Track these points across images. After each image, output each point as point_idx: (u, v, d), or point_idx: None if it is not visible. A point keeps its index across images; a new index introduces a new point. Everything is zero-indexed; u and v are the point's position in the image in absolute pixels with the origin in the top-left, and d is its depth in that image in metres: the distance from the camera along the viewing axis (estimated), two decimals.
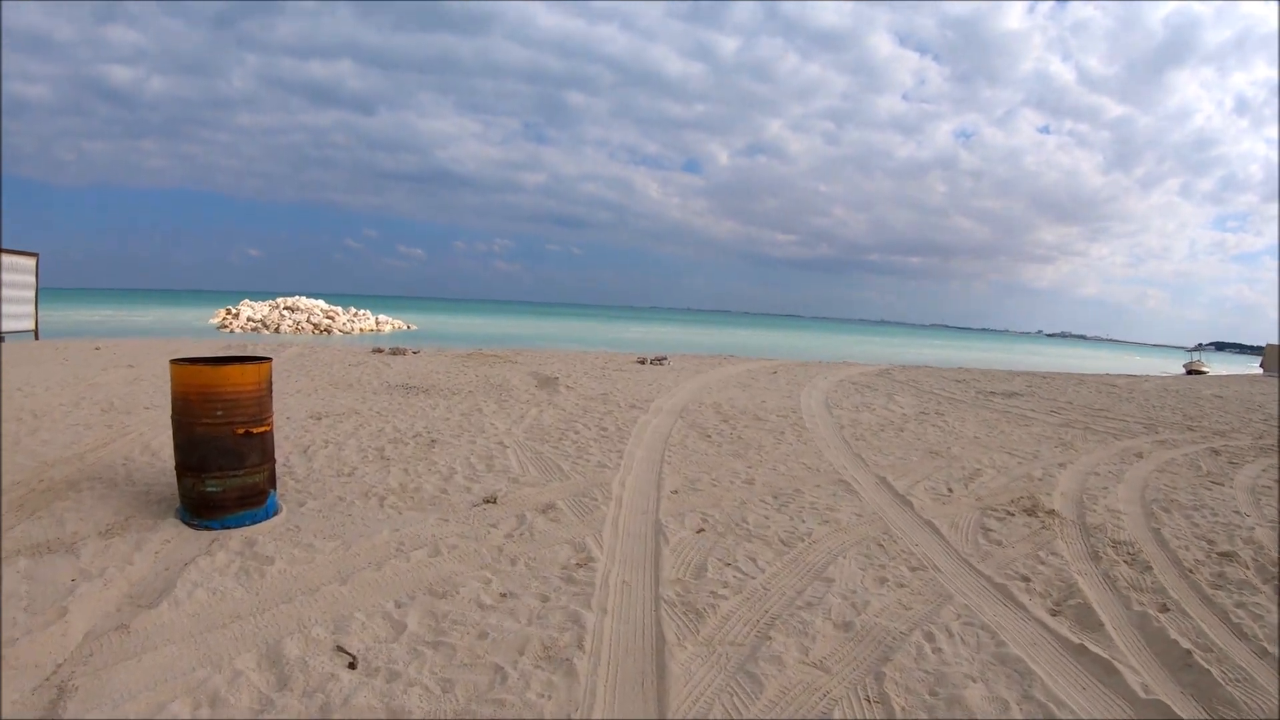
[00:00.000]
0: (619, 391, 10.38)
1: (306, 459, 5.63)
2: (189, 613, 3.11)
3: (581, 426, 7.43)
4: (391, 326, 34.08)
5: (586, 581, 3.48)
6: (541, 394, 9.71)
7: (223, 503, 4.10)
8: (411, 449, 6.07)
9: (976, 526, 4.84)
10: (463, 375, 11.40)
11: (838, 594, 3.56)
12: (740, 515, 4.69)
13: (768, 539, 4.28)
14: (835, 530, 4.54)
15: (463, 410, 8.08)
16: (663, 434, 7.33)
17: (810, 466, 6.26)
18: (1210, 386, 19.06)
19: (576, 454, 6.13)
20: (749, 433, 7.68)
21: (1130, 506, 5.51)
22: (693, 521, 4.49)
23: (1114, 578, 4.03)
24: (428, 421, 7.32)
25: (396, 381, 10.25)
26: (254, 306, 31.09)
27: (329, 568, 3.57)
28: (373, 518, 4.29)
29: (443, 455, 5.88)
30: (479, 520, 4.30)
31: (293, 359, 12.88)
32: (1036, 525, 4.92)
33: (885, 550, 4.25)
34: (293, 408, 7.80)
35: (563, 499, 4.78)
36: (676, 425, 7.86)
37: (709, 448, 6.76)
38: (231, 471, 4.08)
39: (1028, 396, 13.03)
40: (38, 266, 18.02)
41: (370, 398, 8.71)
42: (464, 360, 14.03)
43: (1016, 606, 3.61)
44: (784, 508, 4.94)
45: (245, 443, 4.09)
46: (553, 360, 15.22)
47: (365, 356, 13.80)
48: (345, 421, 7.13)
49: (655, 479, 5.49)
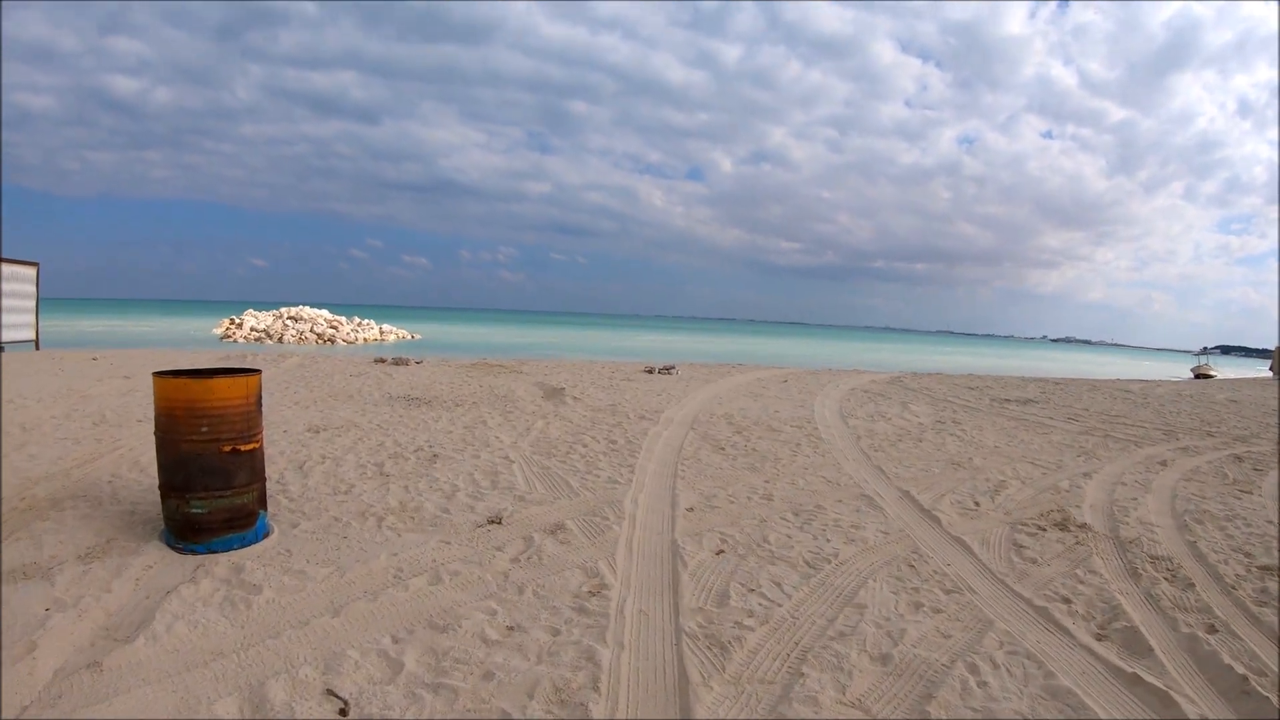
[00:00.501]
0: (627, 402, 10.12)
1: (302, 475, 5.38)
2: (167, 648, 2.86)
3: (590, 439, 7.17)
4: (395, 336, 33.92)
5: (600, 612, 3.21)
6: (548, 405, 9.46)
7: (209, 525, 3.86)
8: (412, 464, 5.82)
9: (1008, 543, 4.58)
10: (466, 386, 11.16)
11: (871, 622, 3.29)
12: (761, 535, 4.42)
13: (792, 561, 4.01)
14: (862, 550, 4.27)
15: (466, 423, 7.82)
16: (675, 447, 7.07)
17: (830, 480, 5.99)
18: (1223, 390, 18.74)
19: (585, 469, 5.87)
20: (764, 444, 7.41)
21: (1162, 518, 5.28)
22: (711, 542, 4.23)
23: (1156, 596, 3.80)
24: (430, 435, 7.07)
25: (398, 393, 10.01)
26: (258, 316, 31.05)
27: (321, 597, 3.32)
28: (370, 540, 4.03)
29: (445, 471, 5.62)
30: (483, 543, 4.04)
31: (293, 369, 12.66)
32: (1070, 541, 4.66)
33: (917, 571, 3.98)
34: (290, 420, 7.57)
35: (572, 518, 4.52)
36: (688, 437, 7.60)
37: (723, 461, 6.49)
38: (218, 492, 3.84)
39: (1043, 403, 12.76)
40: (38, 276, 17.89)
41: (371, 410, 8.46)
42: (468, 371, 13.79)
43: (1060, 632, 3.35)
44: (806, 525, 4.67)
45: (233, 461, 3.85)
46: (559, 370, 14.97)
47: (367, 367, 13.57)
48: (344, 435, 6.88)
49: (669, 495, 5.23)
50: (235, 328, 29.67)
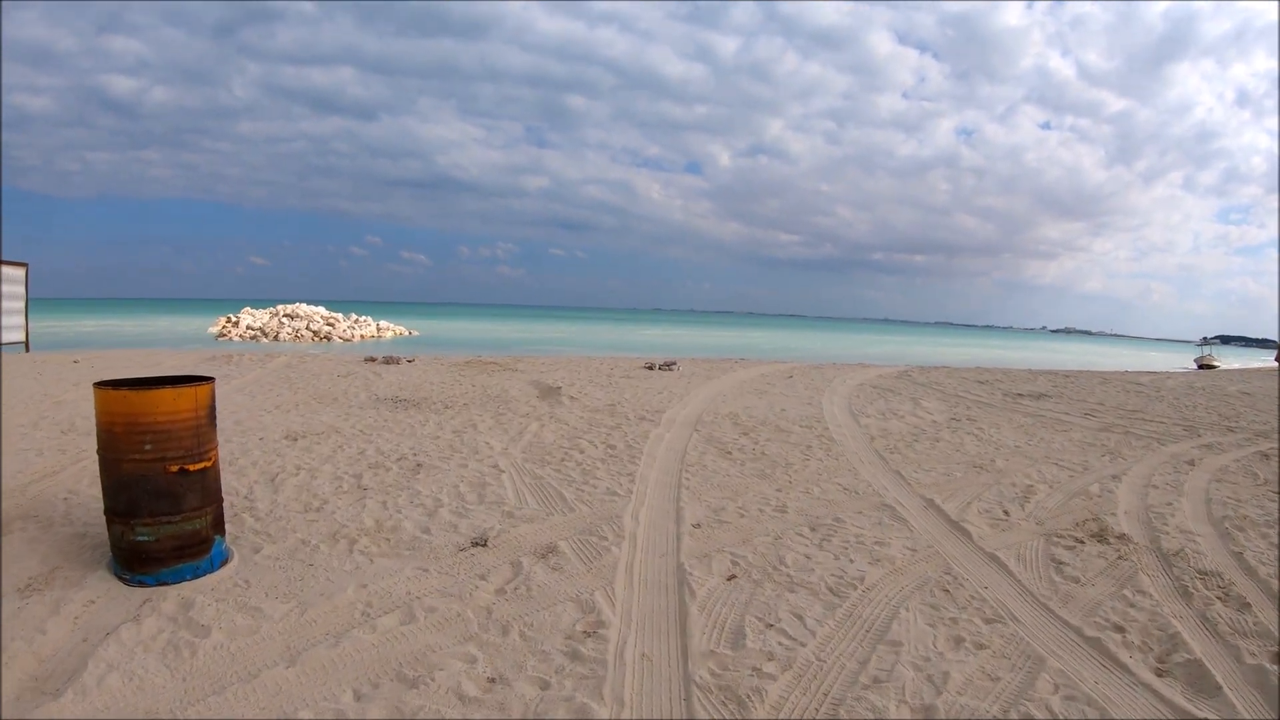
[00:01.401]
0: (627, 401, 9.69)
1: (273, 490, 4.96)
2: (97, 706, 2.47)
3: (587, 444, 6.74)
4: (393, 333, 33.54)
5: (596, 658, 2.79)
6: (543, 406, 9.02)
7: (157, 554, 3.44)
8: (394, 475, 5.39)
9: (1046, 558, 4.18)
10: (458, 386, 10.72)
11: (909, 663, 2.87)
12: (776, 555, 4.00)
13: (813, 587, 3.58)
14: (890, 572, 3.85)
15: (455, 427, 7.39)
16: (678, 451, 6.64)
17: (847, 488, 5.56)
18: (1234, 382, 18.36)
19: (581, 478, 5.44)
20: (773, 447, 6.98)
21: (1201, 525, 4.92)
22: (721, 565, 3.80)
23: (1213, 620, 3.42)
24: (415, 441, 6.63)
25: (386, 394, 9.57)
26: (254, 314, 30.72)
27: (276, 641, 2.90)
28: (338, 569, 3.60)
29: (428, 483, 5.19)
30: (465, 570, 3.61)
31: (279, 370, 12.22)
32: (1111, 555, 4.27)
33: (952, 597, 3.57)
34: (268, 426, 7.14)
35: (566, 539, 4.09)
36: (692, 440, 7.17)
37: (731, 467, 6.07)
38: (165, 517, 3.42)
39: (1057, 398, 12.40)
40: (28, 276, 17.48)
41: (355, 413, 8.03)
42: (461, 369, 13.34)
43: (1119, 668, 2.95)
44: (826, 543, 4.25)
45: (180, 482, 3.42)
46: (556, 367, 14.53)
47: (356, 366, 13.12)
48: (323, 442, 6.45)
49: (674, 509, 4.80)
50: (232, 326, 29.33)
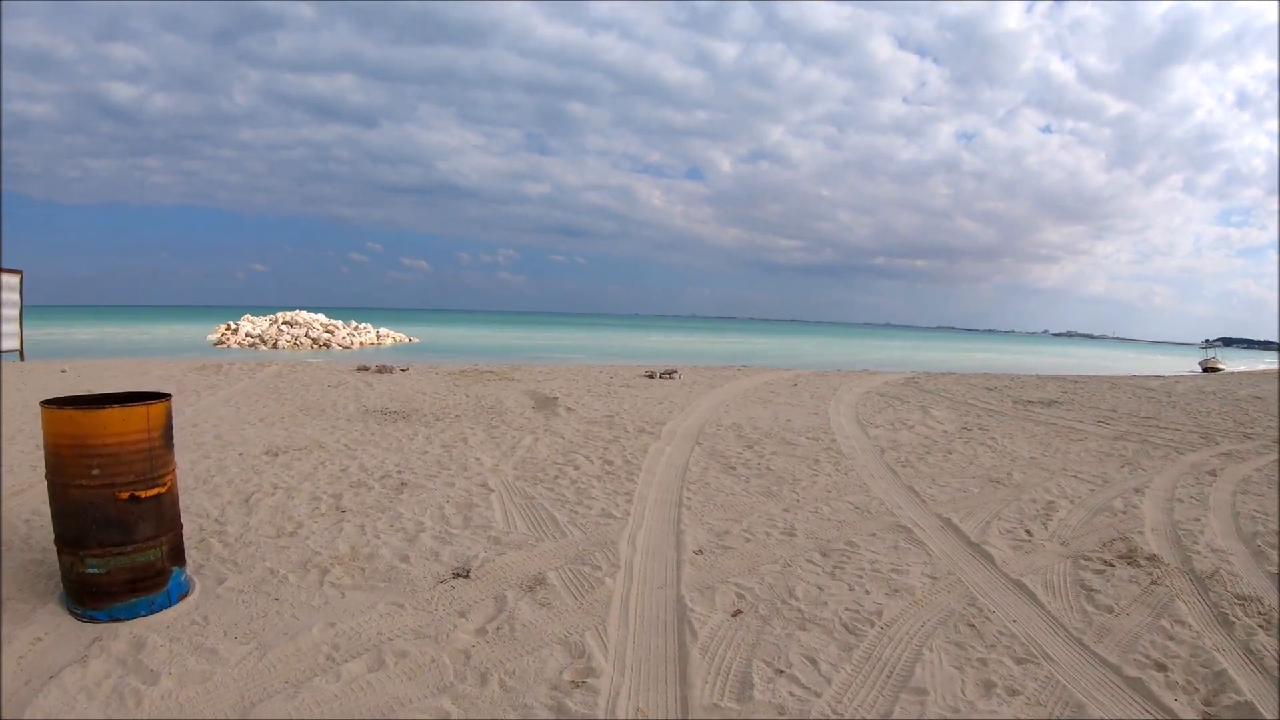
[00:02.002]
0: (626, 412, 9.39)
1: (246, 511, 4.67)
2: None
3: (582, 459, 6.44)
4: (393, 340, 33.30)
5: (585, 714, 2.49)
6: (538, 418, 8.72)
7: (108, 588, 3.16)
8: (376, 495, 5.09)
9: (1075, 585, 3.90)
10: (451, 397, 10.42)
11: (936, 715, 2.57)
12: (785, 585, 3.70)
13: (826, 623, 3.28)
14: (910, 604, 3.55)
15: (445, 440, 7.10)
16: (679, 466, 6.34)
17: (858, 506, 5.26)
18: (1244, 386, 18.10)
19: (576, 498, 5.14)
20: (779, 461, 6.68)
21: (1232, 543, 4.66)
22: (726, 598, 3.51)
23: (1257, 653, 3.15)
24: (402, 456, 6.34)
25: (375, 406, 9.28)
26: (254, 321, 30.51)
27: (230, 690, 2.61)
28: (305, 604, 3.31)
29: (411, 503, 4.90)
30: (444, 605, 3.32)
31: (268, 380, 11.93)
32: (1144, 579, 3.99)
33: (978, 632, 3.27)
34: (250, 440, 6.85)
35: (556, 568, 3.79)
36: (694, 454, 6.87)
37: (735, 484, 5.77)
38: (116, 548, 3.14)
39: (1067, 405, 12.17)
40: (21, 284, 17.27)
41: (341, 426, 7.74)
42: (455, 379, 13.04)
43: (1164, 714, 2.65)
44: (839, 570, 3.95)
45: (131, 510, 3.14)
46: (553, 376, 14.24)
47: (348, 376, 12.84)
48: (305, 458, 6.16)
49: (674, 532, 4.50)
50: (230, 334, 29.12)
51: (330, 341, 29.04)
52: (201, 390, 10.28)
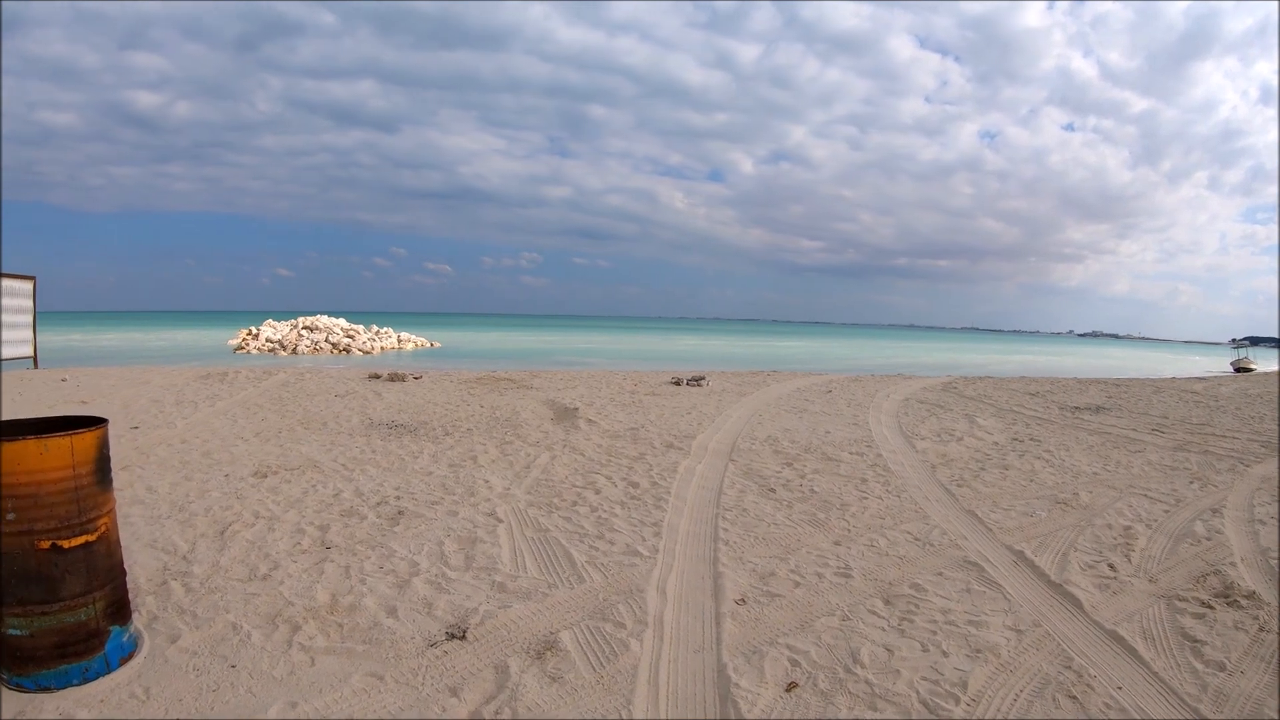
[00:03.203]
0: (652, 424, 8.81)
1: (219, 546, 4.16)
2: None
3: (604, 481, 5.88)
4: (414, 344, 33.12)
5: None
6: (557, 431, 8.17)
7: (33, 653, 2.67)
8: (368, 526, 4.57)
9: (1177, 635, 3.38)
10: (464, 407, 9.90)
11: None
12: (848, 647, 3.11)
13: (901, 701, 2.69)
14: (997, 669, 2.96)
15: (452, 459, 6.57)
16: (712, 489, 5.76)
17: (918, 538, 4.66)
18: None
19: (596, 530, 4.58)
20: (823, 481, 6.08)
21: None
22: (777, 666, 2.92)
23: None
24: (403, 478, 5.82)
25: (381, 418, 8.78)
26: (275, 326, 30.50)
27: None
28: (267, 673, 2.78)
29: (407, 537, 4.36)
30: (433, 678, 2.77)
31: (273, 389, 11.52)
32: (1249, 624, 3.51)
33: (1081, 706, 2.74)
34: (240, 459, 6.37)
35: (571, 626, 3.22)
36: (728, 473, 6.28)
37: (776, 511, 5.17)
38: (39, 606, 2.64)
39: (1115, 411, 11.69)
40: (35, 290, 17.15)
41: (341, 442, 7.24)
42: (470, 387, 12.54)
43: None
44: (907, 624, 3.35)
45: (55, 562, 2.63)
46: (575, 383, 13.69)
47: (357, 384, 12.39)
48: (296, 481, 5.66)
49: (710, 574, 3.91)
50: (251, 339, 29.09)
51: (350, 346, 28.89)
52: (200, 401, 9.87)
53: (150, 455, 6.52)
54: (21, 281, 17.00)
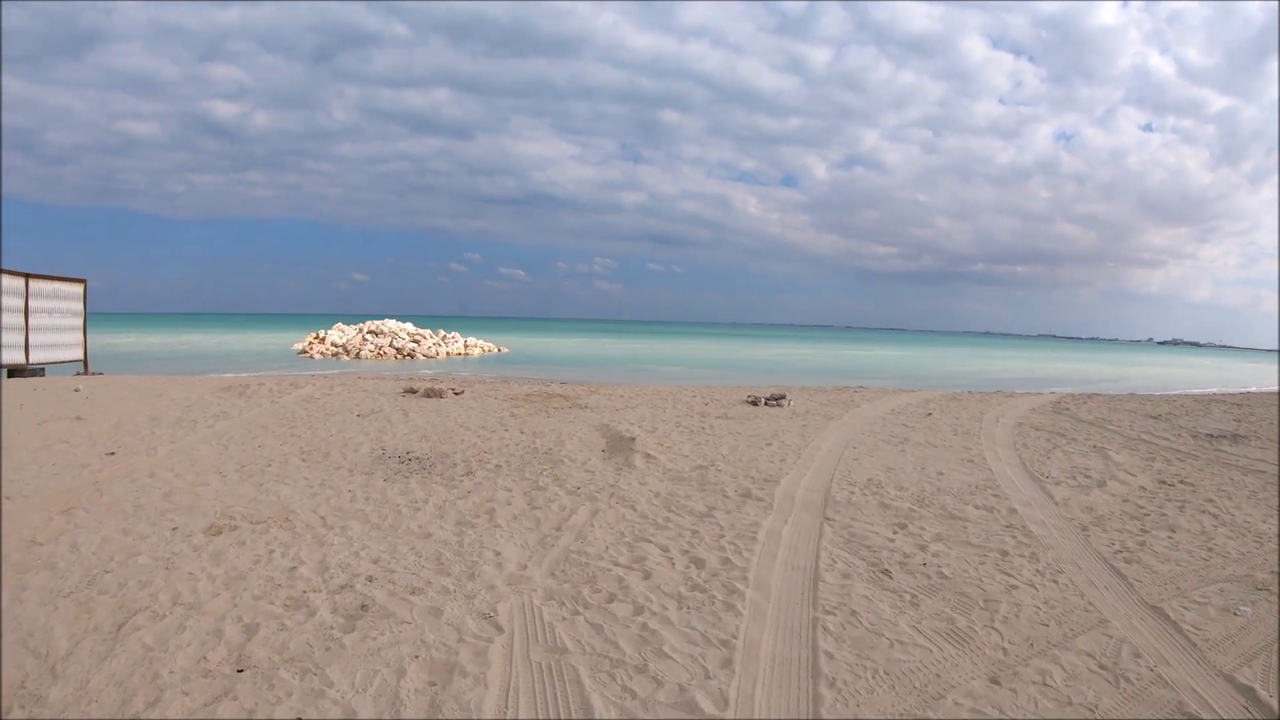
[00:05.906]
0: (724, 460, 7.43)
1: (104, 652, 3.02)
2: None
3: (658, 554, 4.54)
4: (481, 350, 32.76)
5: None
6: (605, 471, 6.85)
7: None
8: (311, 631, 3.35)
9: None
10: (500, 434, 8.68)
11: None
12: None
13: None
14: None
15: (462, 513, 5.32)
16: (805, 570, 4.35)
17: (1104, 665, 3.24)
18: None
19: (636, 655, 3.23)
20: (952, 557, 4.64)
21: None
22: None
23: None
24: (389, 543, 4.60)
25: (397, 448, 7.63)
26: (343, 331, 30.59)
27: None
28: None
29: (356, 658, 3.12)
30: None
31: (292, 405, 10.59)
32: None
33: None
34: (200, 507, 5.29)
35: None
36: (825, 542, 4.87)
37: (897, 614, 3.74)
38: None
39: (1254, 439, 10.13)
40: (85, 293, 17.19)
41: (335, 483, 6.08)
42: (515, 405, 11.36)
43: None
44: None
45: None
46: (636, 401, 12.36)
47: (388, 400, 11.36)
48: (253, 542, 4.52)
49: None
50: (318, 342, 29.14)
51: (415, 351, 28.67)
52: (202, 421, 8.95)
53: (106, 494, 5.53)
54: (70, 285, 16.97)
